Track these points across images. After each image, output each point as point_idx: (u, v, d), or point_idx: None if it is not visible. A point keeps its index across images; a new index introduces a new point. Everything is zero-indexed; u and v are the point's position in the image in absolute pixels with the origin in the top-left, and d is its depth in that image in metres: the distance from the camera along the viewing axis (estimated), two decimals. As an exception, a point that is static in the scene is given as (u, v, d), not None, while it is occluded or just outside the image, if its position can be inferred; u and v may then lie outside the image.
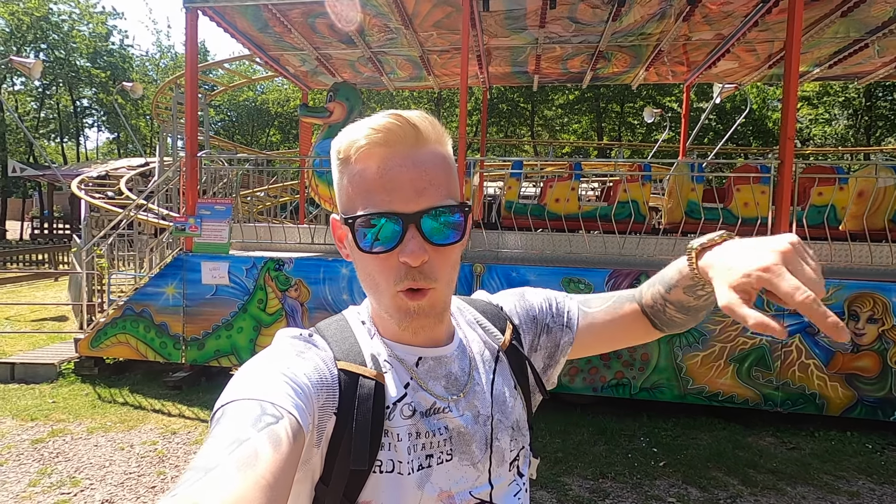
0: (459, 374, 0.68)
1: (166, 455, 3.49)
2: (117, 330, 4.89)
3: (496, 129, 24.35)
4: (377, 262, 0.59)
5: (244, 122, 29.77)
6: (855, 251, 4.40)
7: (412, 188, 0.57)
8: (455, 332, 0.71)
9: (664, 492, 3.15)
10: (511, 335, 0.75)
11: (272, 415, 0.49)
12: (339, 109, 5.73)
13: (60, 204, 22.58)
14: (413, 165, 0.58)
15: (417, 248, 0.57)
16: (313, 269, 4.57)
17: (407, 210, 0.57)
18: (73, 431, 3.84)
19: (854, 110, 19.65)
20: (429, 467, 0.61)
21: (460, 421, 0.64)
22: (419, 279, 0.58)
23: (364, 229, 0.58)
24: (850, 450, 3.69)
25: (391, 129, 0.57)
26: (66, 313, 7.91)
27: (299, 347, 0.61)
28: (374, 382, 0.60)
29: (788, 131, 3.99)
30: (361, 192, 0.58)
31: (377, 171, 0.57)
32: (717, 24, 5.02)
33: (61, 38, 23.64)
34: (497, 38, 5.56)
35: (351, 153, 0.59)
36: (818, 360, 3.91)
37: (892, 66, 5.92)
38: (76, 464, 3.36)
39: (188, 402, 4.40)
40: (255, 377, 0.54)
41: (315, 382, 0.57)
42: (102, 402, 4.41)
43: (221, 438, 0.46)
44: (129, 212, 5.92)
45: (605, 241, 4.63)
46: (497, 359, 0.72)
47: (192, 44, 4.88)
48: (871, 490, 3.18)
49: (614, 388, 4.17)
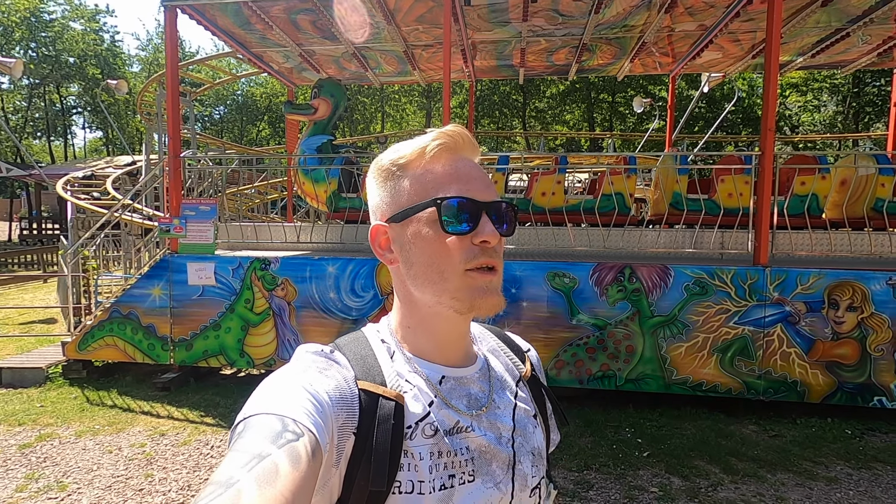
0: (479, 395, 0.69)
1: (154, 457, 3.51)
2: (105, 332, 4.88)
3: (488, 122, 24.29)
4: (450, 246, 0.63)
5: (233, 117, 29.52)
6: (835, 240, 4.45)
7: (482, 182, 0.65)
8: (478, 355, 0.73)
9: (647, 482, 3.20)
10: (531, 368, 0.77)
11: (293, 431, 0.50)
12: (323, 106, 5.71)
13: (49, 204, 22.37)
14: (477, 167, 0.67)
15: (493, 230, 0.63)
16: (300, 267, 4.57)
17: (482, 199, 0.63)
18: (61, 435, 3.85)
19: (842, 96, 19.74)
20: (451, 487, 0.61)
21: (483, 439, 0.65)
22: (494, 257, 0.63)
23: (448, 212, 0.62)
24: (830, 436, 3.77)
25: (459, 137, 0.65)
26: (55, 315, 7.87)
27: (321, 364, 0.62)
28: (394, 403, 0.61)
29: (769, 122, 4.02)
30: (434, 186, 0.64)
31: (452, 167, 0.64)
32: (700, 15, 5.02)
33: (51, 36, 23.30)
34: (481, 32, 5.53)
35: (415, 157, 0.65)
36: (799, 349, 3.97)
37: (874, 55, 5.95)
38: (64, 468, 3.37)
39: (177, 404, 4.41)
40: (278, 391, 0.55)
41: (336, 401, 0.58)
42: (91, 406, 4.41)
43: (242, 453, 0.47)
44: (113, 212, 5.87)
45: (590, 234, 4.66)
46: (518, 386, 0.74)
47: (172, 42, 4.83)
48: (849, 475, 3.24)
49: (600, 381, 4.22)
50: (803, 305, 3.96)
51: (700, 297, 4.06)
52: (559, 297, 4.21)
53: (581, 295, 4.19)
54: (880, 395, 3.91)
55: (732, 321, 4.03)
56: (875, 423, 3.93)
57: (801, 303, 3.96)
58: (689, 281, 4.06)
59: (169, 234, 4.81)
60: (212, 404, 4.40)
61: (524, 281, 4.24)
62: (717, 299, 4.03)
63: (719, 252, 4.61)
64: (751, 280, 4.00)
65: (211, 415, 4.21)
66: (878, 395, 3.91)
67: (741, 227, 4.57)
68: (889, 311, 3.86)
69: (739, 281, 4.01)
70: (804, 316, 3.96)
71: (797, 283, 3.95)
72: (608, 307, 4.16)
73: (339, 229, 5.25)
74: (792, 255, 4.50)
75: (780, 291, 3.97)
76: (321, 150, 5.59)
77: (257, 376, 5.12)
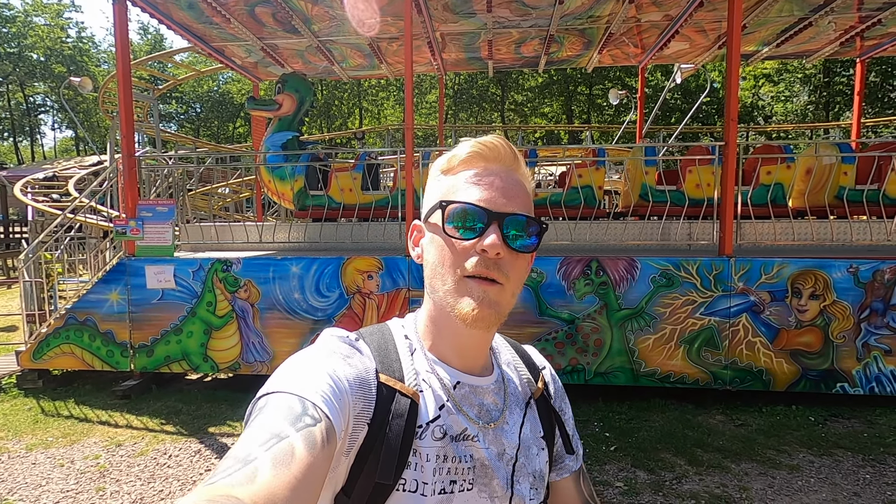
0: (492, 407, 0.69)
1: (108, 469, 3.37)
2: (60, 340, 4.70)
3: (467, 115, 24.19)
4: (455, 248, 0.63)
5: (208, 114, 28.92)
6: (799, 229, 4.48)
7: (502, 194, 0.63)
8: (495, 367, 0.73)
9: (613, 476, 3.18)
10: (543, 388, 0.76)
11: (312, 416, 0.51)
12: (288, 101, 5.56)
13: (17, 207, 21.63)
14: (507, 177, 0.65)
15: (497, 241, 0.61)
16: (262, 268, 4.45)
17: (495, 209, 0.62)
18: (10, 450, 3.68)
19: (814, 86, 20.09)
20: (451, 493, 0.62)
21: (485, 453, 0.65)
22: (492, 269, 0.62)
23: (454, 216, 0.63)
24: (794, 423, 3.80)
25: (496, 146, 0.65)
26: (16, 323, 7.59)
27: (346, 351, 0.63)
28: (409, 400, 0.62)
29: (731, 112, 4.01)
30: (457, 189, 0.64)
31: (476, 174, 0.65)
32: (664, 6, 5.00)
33: (13, 32, 22.45)
34: (447, 23, 5.44)
35: (454, 163, 0.66)
36: (764, 338, 3.99)
37: (837, 44, 6.01)
38: (10, 484, 3.21)
39: (137, 412, 4.26)
40: (302, 372, 0.56)
41: (356, 390, 0.59)
42: (45, 417, 4.24)
43: (261, 431, 0.48)
44: (66, 214, 5.65)
45: (556, 227, 4.62)
46: (528, 404, 0.73)
47: (123, 37, 4.62)
48: (811, 462, 3.27)
49: (569, 375, 4.19)
50: (767, 295, 3.98)
51: (666, 289, 4.05)
52: (527, 292, 4.16)
53: (549, 289, 4.15)
54: (842, 381, 3.95)
55: (699, 312, 4.03)
56: (838, 409, 3.98)
57: (765, 292, 3.98)
58: (655, 273, 4.05)
59: (125, 236, 4.64)
60: (173, 411, 4.27)
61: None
62: (683, 290, 4.03)
63: (687, 243, 4.62)
64: (716, 271, 4.00)
65: (172, 422, 4.07)
66: (840, 382, 3.96)
67: (708, 217, 4.58)
68: (850, 299, 3.90)
69: (705, 272, 4.01)
70: (768, 305, 3.98)
71: (761, 272, 3.97)
72: (576, 301, 4.13)
73: (304, 228, 5.13)
74: (758, 245, 4.52)
75: (745, 281, 3.98)
76: (287, 146, 5.44)
77: (224, 381, 4.99)
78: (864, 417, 3.87)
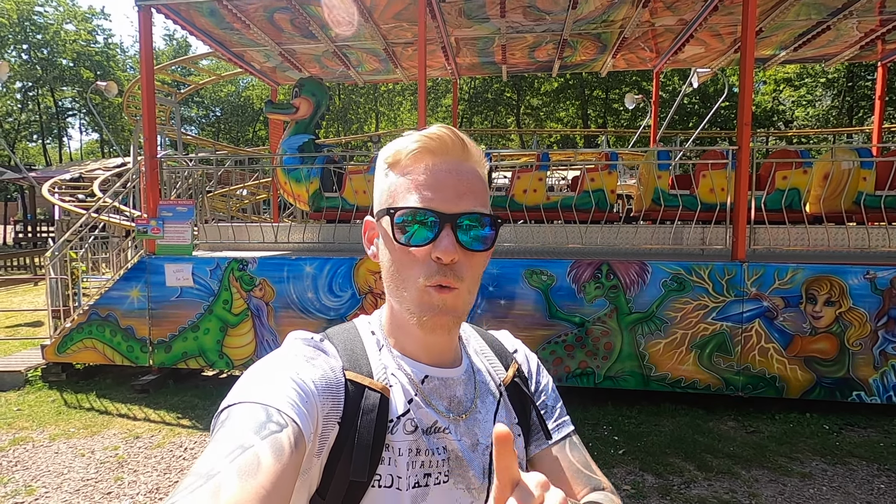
0: (463, 398, 0.68)
1: (126, 460, 3.48)
2: (83, 335, 4.86)
3: (481, 119, 24.26)
4: (410, 257, 0.61)
5: (228, 117, 29.51)
6: (814, 234, 4.42)
7: (454, 192, 0.61)
8: (464, 357, 0.72)
9: (621, 480, 3.17)
10: (514, 373, 0.75)
11: (277, 422, 0.49)
12: (305, 105, 5.67)
13: (45, 207, 22.34)
14: (457, 173, 0.62)
15: (450, 246, 0.60)
16: (277, 268, 4.55)
17: (446, 210, 0.60)
18: (35, 439, 3.82)
19: (837, 91, 19.69)
20: (426, 486, 0.62)
21: (458, 445, 0.65)
22: (449, 276, 0.60)
23: (403, 224, 0.60)
24: (808, 431, 3.74)
25: (443, 139, 0.61)
26: (42, 318, 7.84)
27: (309, 353, 0.62)
28: (379, 395, 0.61)
29: (744, 116, 3.99)
30: (405, 190, 0.62)
31: (424, 172, 0.61)
32: (679, 10, 4.98)
33: (45, 38, 23.25)
34: (460, 28, 5.50)
35: (401, 157, 0.62)
36: (777, 344, 3.94)
37: (857, 48, 5.91)
38: (34, 472, 3.34)
39: (154, 406, 4.38)
40: (264, 379, 0.55)
41: (322, 390, 0.58)
42: (68, 409, 4.38)
43: (224, 444, 0.47)
44: (91, 213, 5.84)
45: (567, 231, 4.63)
46: (500, 392, 0.73)
47: (147, 43, 4.79)
48: (824, 471, 3.22)
49: (579, 378, 4.19)
50: (781, 300, 3.93)
51: (678, 294, 4.03)
52: (537, 295, 4.18)
53: (559, 292, 4.16)
54: (859, 389, 3.88)
55: (710, 317, 4.00)
56: (853, 418, 3.91)
57: (778, 298, 3.93)
58: (666, 277, 4.03)
59: (146, 235, 4.78)
60: (189, 406, 4.38)
61: (502, 279, 4.21)
62: (694, 295, 4.01)
63: (700, 248, 4.59)
64: (728, 275, 3.97)
65: (188, 417, 4.18)
66: (856, 390, 3.89)
67: (721, 222, 4.54)
68: (867, 306, 3.84)
69: (717, 276, 3.98)
70: (782, 311, 3.93)
71: (775, 277, 3.93)
72: (586, 304, 4.13)
73: (318, 229, 5.23)
74: (772, 250, 4.47)
75: (758, 287, 3.94)
76: (303, 149, 5.55)
77: (238, 377, 5.08)
78: (881, 427, 3.79)
